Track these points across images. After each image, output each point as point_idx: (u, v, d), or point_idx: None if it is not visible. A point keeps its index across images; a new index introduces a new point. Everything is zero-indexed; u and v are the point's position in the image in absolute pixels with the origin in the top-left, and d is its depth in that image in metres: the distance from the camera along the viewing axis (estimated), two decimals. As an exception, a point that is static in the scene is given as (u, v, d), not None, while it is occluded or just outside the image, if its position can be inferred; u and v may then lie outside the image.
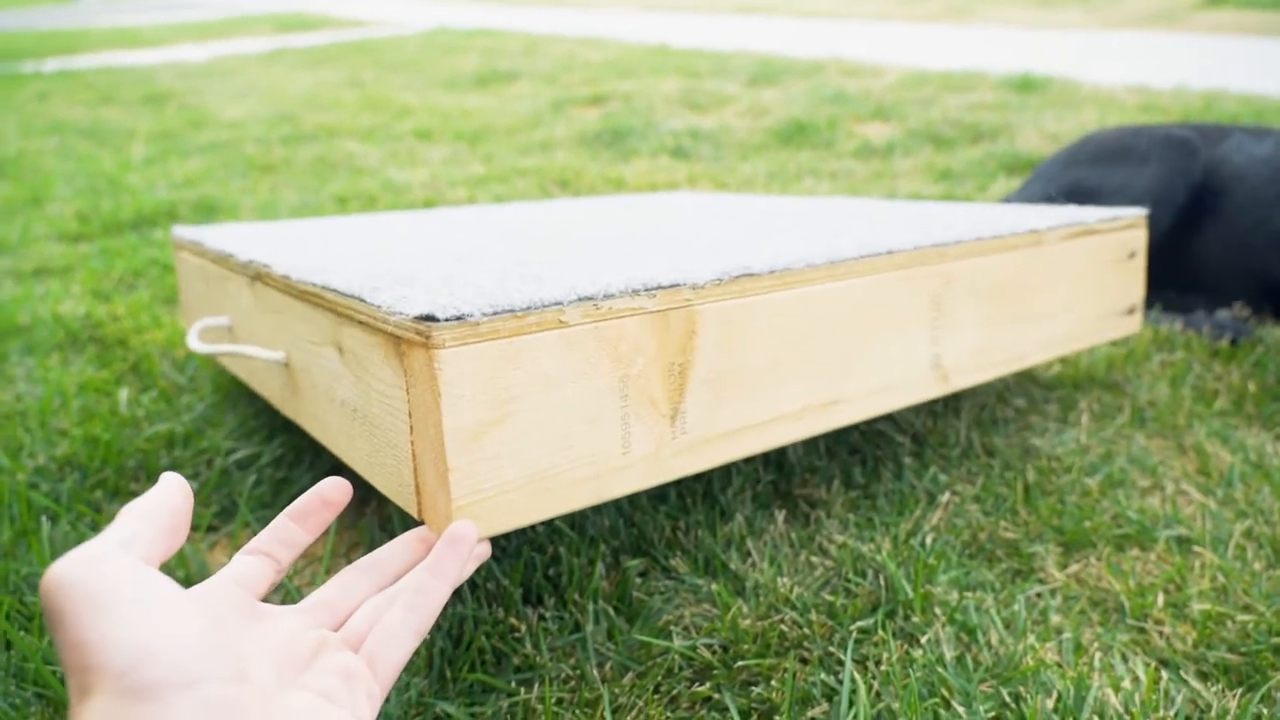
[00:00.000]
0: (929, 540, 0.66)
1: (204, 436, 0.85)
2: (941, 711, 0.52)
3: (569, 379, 0.47)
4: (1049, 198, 1.24)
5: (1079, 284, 0.80)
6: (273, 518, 0.70)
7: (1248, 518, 0.70)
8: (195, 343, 0.69)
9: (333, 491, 0.41)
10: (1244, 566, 0.65)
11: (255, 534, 0.71)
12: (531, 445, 0.46)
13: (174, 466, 0.81)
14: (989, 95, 2.66)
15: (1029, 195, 1.26)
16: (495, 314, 0.44)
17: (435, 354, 0.42)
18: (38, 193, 1.96)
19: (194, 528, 0.73)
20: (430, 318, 0.43)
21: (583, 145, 2.31)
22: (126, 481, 0.79)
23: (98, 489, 0.78)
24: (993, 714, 0.52)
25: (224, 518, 0.75)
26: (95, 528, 0.72)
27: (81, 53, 5.68)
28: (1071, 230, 0.77)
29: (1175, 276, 1.15)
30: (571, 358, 0.47)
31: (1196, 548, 0.67)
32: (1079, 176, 1.23)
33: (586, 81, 3.42)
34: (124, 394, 0.93)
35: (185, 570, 0.66)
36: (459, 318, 0.43)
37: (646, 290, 0.50)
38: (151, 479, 0.80)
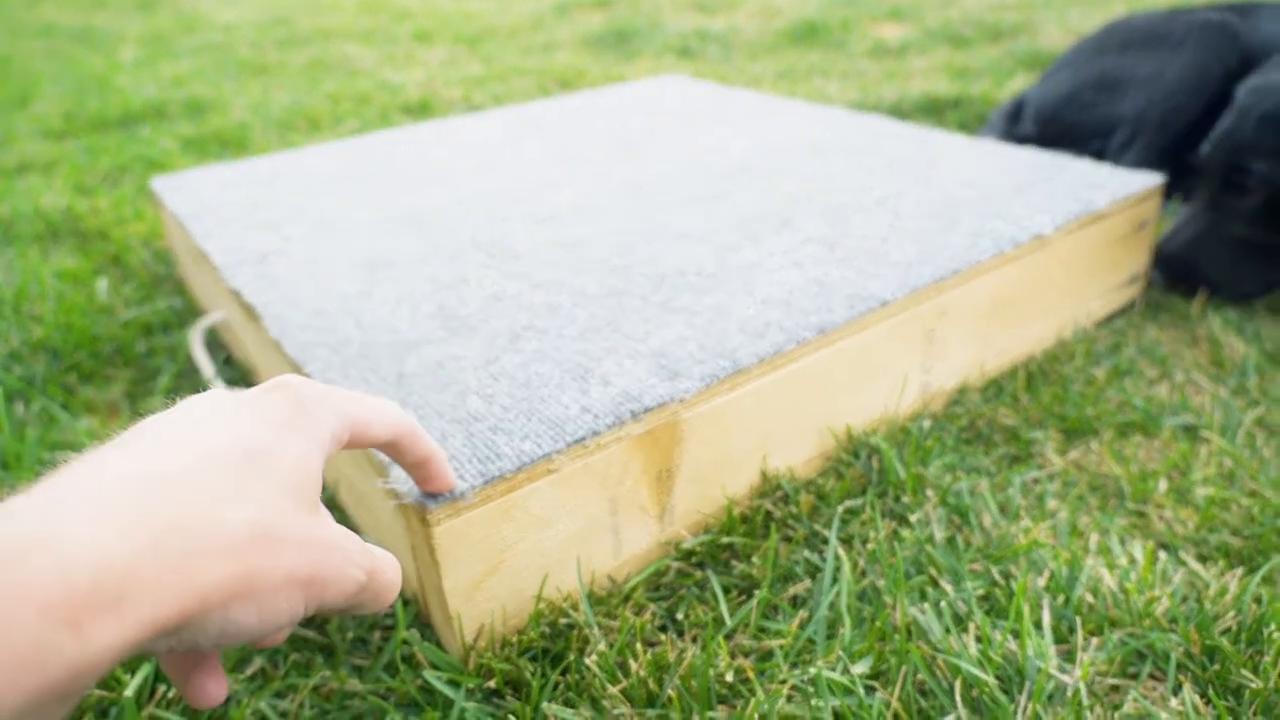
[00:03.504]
0: (926, 424, 0.64)
1: (179, 326, 0.83)
2: (929, 589, 0.50)
3: (561, 515, 0.47)
4: (1074, 90, 1.17)
5: (1082, 271, 0.75)
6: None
7: (1259, 406, 0.67)
8: (219, 387, 0.66)
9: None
10: (1253, 453, 0.62)
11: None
12: (527, 575, 0.47)
13: (149, 354, 0.79)
14: (1013, -5, 2.53)
15: (1052, 88, 1.19)
16: (487, 483, 0.44)
17: (432, 530, 0.42)
18: (24, 92, 1.91)
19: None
20: (430, 495, 0.43)
21: (586, 47, 2.22)
22: (102, 366, 0.77)
23: (71, 372, 0.76)
24: (981, 591, 0.50)
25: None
26: (66, 408, 0.71)
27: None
28: (1079, 222, 0.72)
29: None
30: (562, 495, 0.47)
31: (1205, 433, 0.64)
32: (1107, 65, 1.16)
33: (592, -16, 3.27)
34: (103, 283, 0.91)
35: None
36: (454, 498, 0.43)
37: (634, 416, 0.48)
38: (129, 364, 0.78)
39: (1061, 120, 1.17)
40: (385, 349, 0.57)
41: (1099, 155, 1.13)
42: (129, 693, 0.44)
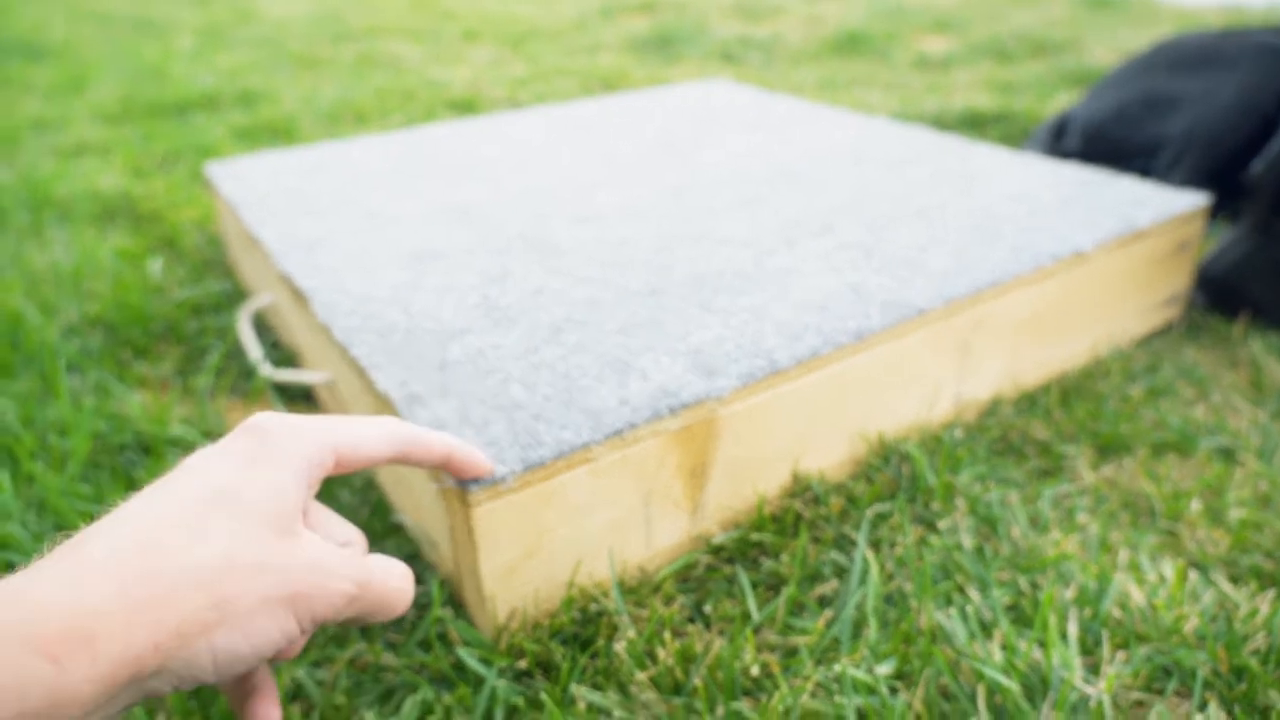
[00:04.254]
0: (958, 434, 0.64)
1: (229, 308, 0.86)
2: (955, 595, 0.51)
3: (597, 505, 0.49)
4: (1121, 107, 1.16)
5: (1121, 289, 0.75)
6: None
7: (1299, 431, 0.67)
8: (266, 368, 0.69)
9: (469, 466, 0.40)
10: (1290, 478, 0.62)
11: (269, 401, 0.72)
12: (561, 561, 0.49)
13: (199, 334, 0.82)
14: (1060, 11, 2.51)
15: (1098, 105, 1.19)
16: (527, 469, 0.45)
17: (472, 511, 0.44)
18: (81, 77, 1.96)
19: (214, 391, 0.74)
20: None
21: (630, 49, 2.24)
22: (154, 343, 0.80)
23: (125, 347, 0.78)
24: (1008, 600, 0.50)
25: (243, 379, 0.75)
26: (121, 381, 0.73)
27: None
28: (1120, 240, 0.72)
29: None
30: (599, 485, 0.48)
31: (1241, 455, 0.64)
32: (1155, 84, 1.15)
33: (637, -12, 3.29)
34: (156, 263, 0.94)
35: (204, 425, 0.66)
36: (495, 482, 0.44)
37: (671, 412, 0.49)
38: (180, 342, 0.81)
39: (1107, 137, 1.16)
40: (429, 336, 0.59)
41: (1144, 174, 1.12)
42: None
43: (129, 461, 0.62)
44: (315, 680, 0.47)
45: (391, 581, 0.32)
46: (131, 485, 0.59)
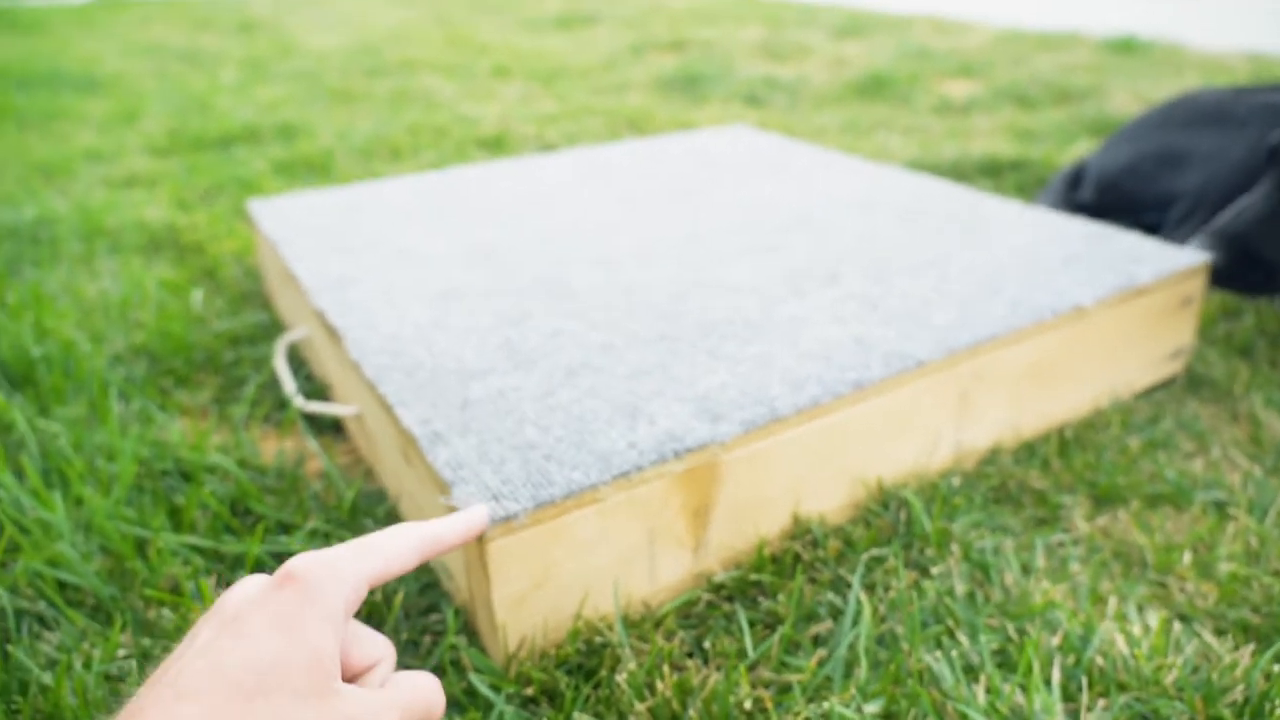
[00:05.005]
0: (955, 481, 0.66)
1: (265, 339, 0.90)
2: (945, 639, 0.53)
3: (603, 542, 0.52)
4: (1135, 161, 1.19)
5: (1122, 343, 0.77)
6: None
7: (1294, 487, 0.68)
8: (299, 400, 0.73)
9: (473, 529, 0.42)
10: (1282, 534, 0.63)
11: (301, 432, 0.75)
12: (569, 594, 0.52)
13: (236, 364, 0.86)
14: (1084, 56, 2.54)
15: (1113, 157, 1.21)
16: (538, 506, 0.48)
17: (485, 547, 0.47)
18: (132, 109, 2.05)
19: (249, 420, 0.78)
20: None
21: (656, 89, 2.30)
22: (194, 372, 0.84)
23: (167, 376, 0.83)
24: (995, 645, 0.52)
25: (277, 409, 0.79)
26: (162, 409, 0.77)
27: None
28: (1121, 295, 0.74)
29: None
30: (605, 524, 0.51)
31: (1234, 510, 0.65)
32: (1169, 139, 1.18)
33: (668, 27, 3.37)
34: (198, 294, 0.99)
35: (240, 453, 0.70)
36: (507, 519, 0.47)
37: (676, 456, 0.53)
38: (218, 372, 0.85)
39: (1120, 190, 1.18)
40: (452, 376, 0.62)
41: (1155, 227, 1.14)
42: None
43: (170, 487, 0.66)
44: (336, 700, 0.50)
45: (428, 694, 0.34)
46: (172, 511, 0.63)
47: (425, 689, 0.34)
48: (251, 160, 1.59)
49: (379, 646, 0.35)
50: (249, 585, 0.33)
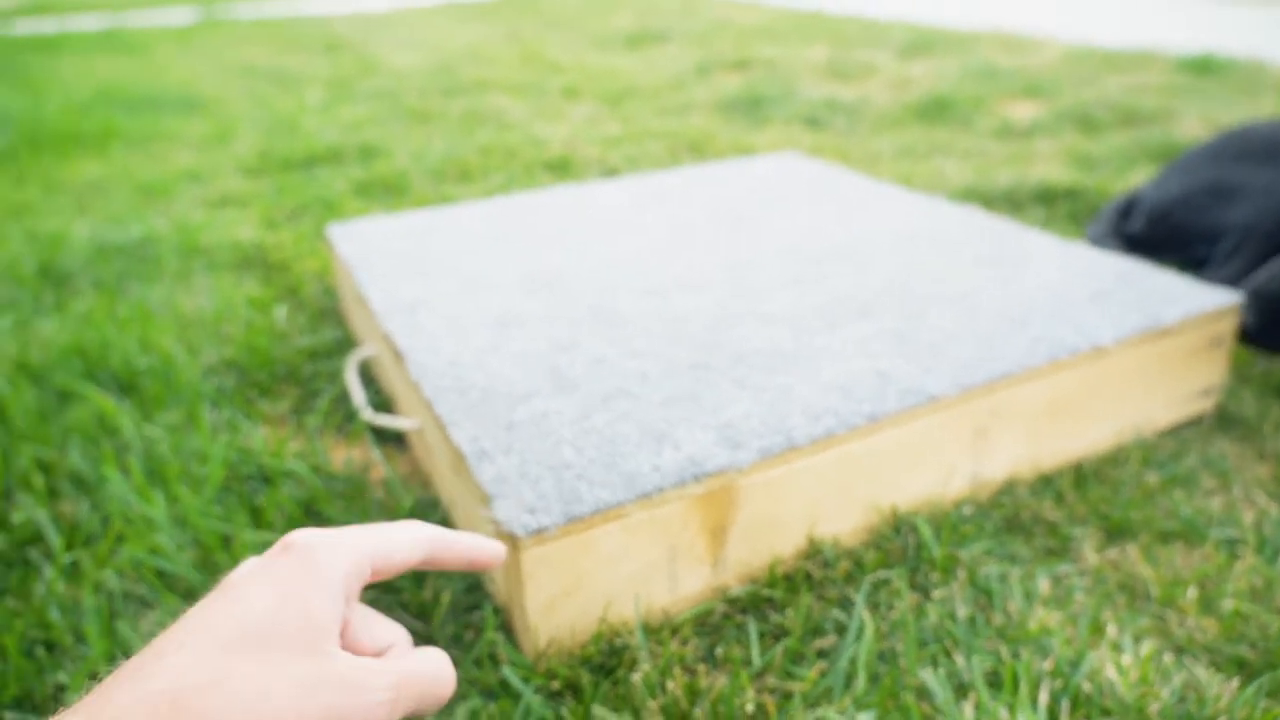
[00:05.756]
0: (968, 511, 0.70)
1: (339, 354, 0.99)
2: (940, 658, 0.57)
3: (627, 555, 0.57)
4: (1187, 193, 1.19)
5: (1146, 381, 0.79)
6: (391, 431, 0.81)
7: (1310, 528, 0.70)
8: (367, 413, 0.80)
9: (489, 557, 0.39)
10: (1291, 573, 0.65)
11: (368, 443, 0.83)
12: (595, 600, 0.58)
13: (313, 377, 0.95)
14: (1156, 77, 2.50)
15: (1165, 188, 1.22)
16: (568, 521, 0.54)
17: (520, 555, 0.54)
18: (226, 130, 2.20)
19: (322, 430, 0.86)
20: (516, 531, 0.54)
21: (719, 111, 2.35)
22: (276, 384, 0.93)
23: (252, 388, 0.92)
24: (988, 666, 0.56)
25: (347, 421, 0.87)
26: (247, 418, 0.86)
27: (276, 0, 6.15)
28: (1145, 336, 0.76)
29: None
30: (629, 539, 0.57)
31: (1245, 548, 0.67)
32: (1222, 173, 1.18)
33: (735, 45, 3.43)
34: (281, 311, 1.08)
35: (313, 460, 0.78)
36: (539, 530, 0.54)
37: (695, 479, 0.58)
38: (297, 384, 0.94)
39: (1171, 221, 1.19)
40: (502, 399, 0.69)
41: (1204, 261, 1.14)
42: None
43: (252, 489, 0.75)
44: (388, 684, 0.57)
45: (429, 672, 0.32)
46: (253, 510, 0.71)
47: (430, 666, 0.33)
48: (333, 181, 1.70)
49: (393, 632, 0.35)
50: (249, 560, 0.33)
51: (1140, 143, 1.79)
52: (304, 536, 0.33)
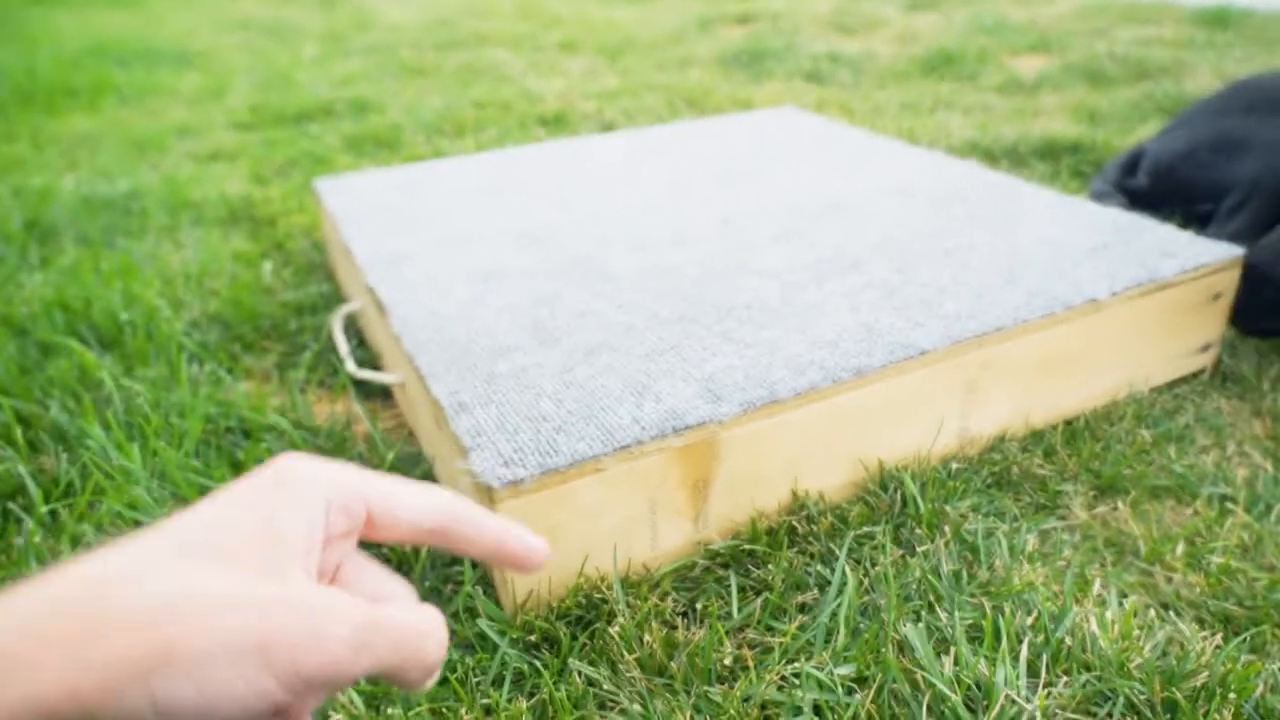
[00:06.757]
0: (956, 466, 0.69)
1: (326, 309, 0.97)
2: (924, 613, 0.56)
3: (605, 508, 0.56)
4: (1191, 147, 1.16)
5: (1142, 336, 0.77)
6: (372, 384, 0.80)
7: (1304, 485, 0.69)
8: (350, 366, 0.79)
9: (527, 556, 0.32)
10: (1282, 530, 0.64)
11: (355, 394, 0.82)
12: (574, 554, 0.57)
13: (299, 331, 0.94)
14: (1171, 29, 2.43)
15: (1169, 143, 1.19)
16: (544, 473, 0.53)
17: (496, 507, 0.53)
18: (220, 85, 2.17)
19: (306, 384, 0.85)
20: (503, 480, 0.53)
21: (719, 65, 2.30)
22: (260, 339, 0.92)
23: (236, 342, 0.91)
24: (970, 621, 0.56)
25: (332, 375, 0.87)
26: (230, 373, 0.85)
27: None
28: (1141, 289, 0.74)
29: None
30: (607, 492, 0.56)
31: (1236, 505, 0.66)
32: (1227, 126, 1.15)
33: (739, -2, 3.35)
34: (268, 266, 1.07)
35: (295, 414, 0.78)
36: (515, 482, 0.53)
37: (675, 432, 0.57)
38: (282, 339, 0.93)
39: (1175, 177, 1.16)
40: (483, 352, 0.68)
41: (1208, 217, 1.12)
42: None
43: (232, 443, 0.74)
44: (366, 637, 0.57)
45: (412, 623, 0.27)
46: (234, 465, 0.71)
47: (415, 620, 0.28)
48: (325, 136, 1.68)
49: (393, 585, 0.31)
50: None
51: (1150, 96, 1.75)
52: (290, 459, 0.29)
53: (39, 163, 1.55)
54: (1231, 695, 0.49)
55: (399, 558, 0.62)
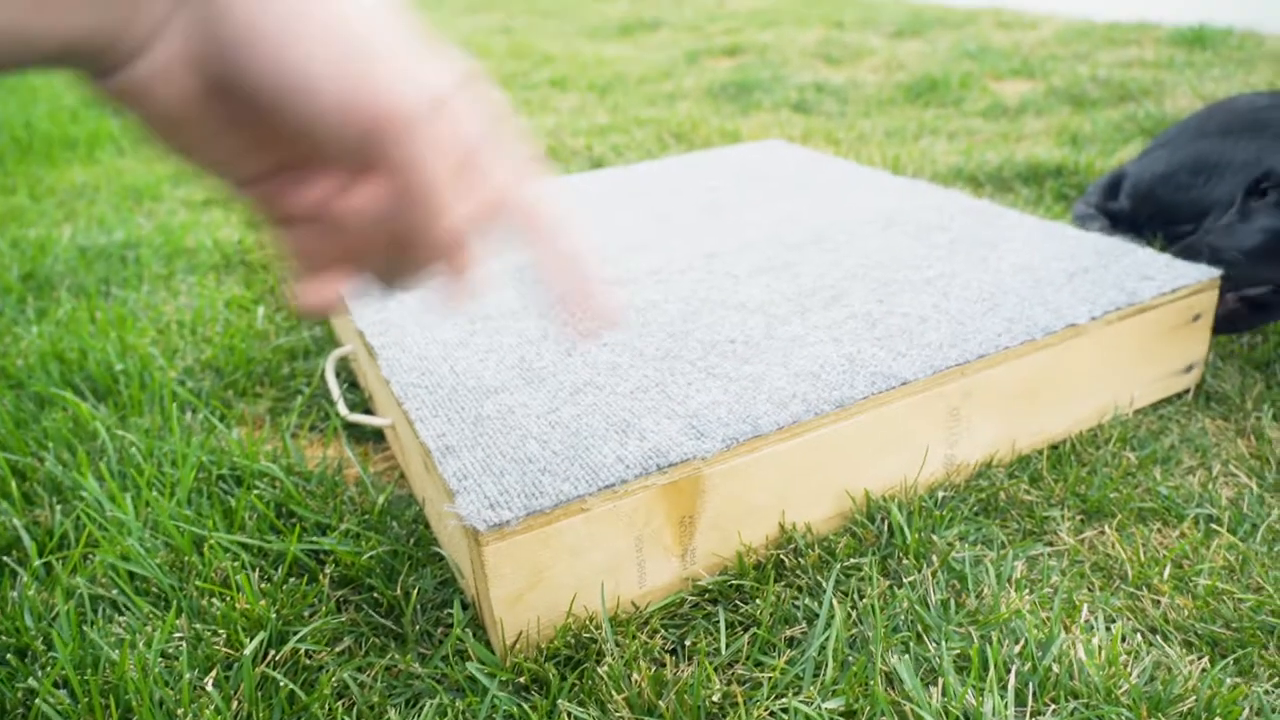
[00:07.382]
0: (943, 494, 0.69)
1: (320, 353, 0.98)
2: (911, 644, 0.56)
3: (591, 547, 0.57)
4: (1170, 170, 1.18)
5: (1124, 359, 0.78)
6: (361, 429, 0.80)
7: (1289, 504, 0.69)
8: (342, 409, 0.77)
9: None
10: (1268, 550, 0.65)
11: (346, 438, 0.83)
12: (562, 594, 0.57)
13: (291, 376, 0.95)
14: (1150, 50, 2.47)
15: (1149, 165, 1.20)
16: (529, 515, 0.54)
17: (482, 549, 0.53)
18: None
19: (298, 429, 0.86)
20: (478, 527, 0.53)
21: (708, 97, 2.34)
22: (253, 384, 0.93)
23: (229, 389, 0.92)
24: (957, 650, 0.56)
25: (323, 419, 0.87)
26: (223, 420, 0.86)
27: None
28: (1121, 313, 0.76)
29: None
30: (592, 531, 0.56)
31: (1221, 526, 0.67)
32: (1205, 148, 1.17)
33: (727, 31, 3.40)
34: (261, 311, 1.08)
35: (287, 460, 0.78)
36: (500, 525, 0.53)
37: (660, 470, 0.57)
38: (274, 384, 0.94)
39: (1155, 199, 1.18)
40: (470, 393, 0.69)
41: (1188, 237, 1.13)
42: (247, 652, 0.56)
43: (225, 491, 0.75)
44: (357, 683, 0.57)
45: (524, 168, 0.26)
46: (226, 511, 0.71)
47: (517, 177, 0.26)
48: (319, 179, 1.70)
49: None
50: None
51: (1133, 118, 1.77)
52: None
53: (37, 214, 1.57)
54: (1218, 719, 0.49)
55: (390, 603, 0.63)
